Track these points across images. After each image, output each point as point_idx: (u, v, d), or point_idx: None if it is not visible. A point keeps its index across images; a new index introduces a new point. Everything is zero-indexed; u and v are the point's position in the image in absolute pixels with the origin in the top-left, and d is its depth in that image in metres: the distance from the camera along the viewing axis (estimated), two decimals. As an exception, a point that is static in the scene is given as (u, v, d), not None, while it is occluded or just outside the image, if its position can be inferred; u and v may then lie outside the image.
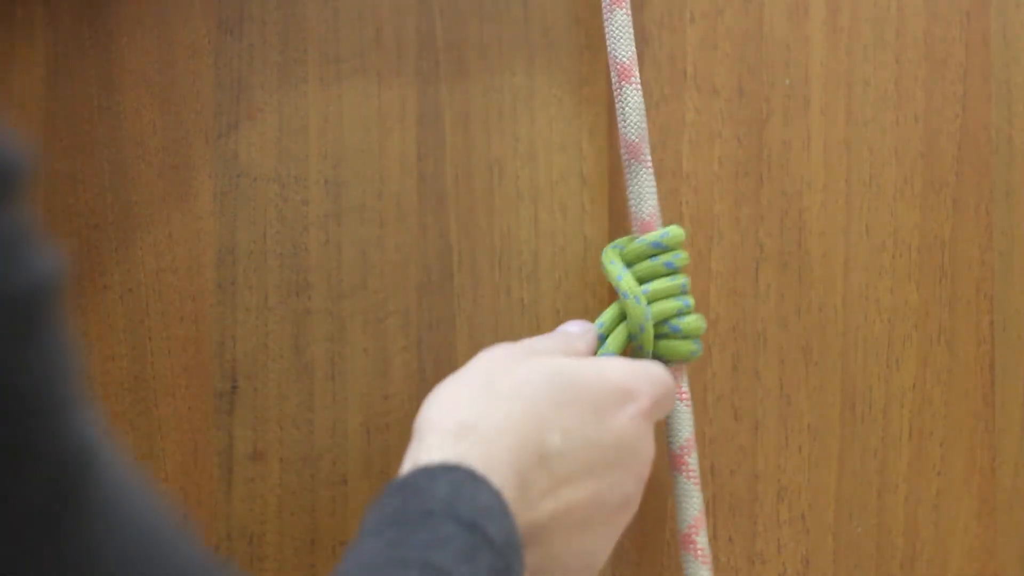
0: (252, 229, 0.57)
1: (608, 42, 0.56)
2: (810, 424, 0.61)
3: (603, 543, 0.48)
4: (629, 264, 0.55)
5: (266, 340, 0.57)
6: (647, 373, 0.49)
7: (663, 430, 0.59)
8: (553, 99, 0.59)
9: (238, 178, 0.57)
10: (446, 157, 0.58)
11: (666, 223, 0.59)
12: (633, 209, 0.55)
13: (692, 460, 0.55)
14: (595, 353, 0.54)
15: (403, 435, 0.57)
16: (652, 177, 0.55)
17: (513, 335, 0.59)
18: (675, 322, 0.54)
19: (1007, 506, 0.63)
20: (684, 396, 0.56)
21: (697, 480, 0.55)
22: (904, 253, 0.62)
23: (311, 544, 0.57)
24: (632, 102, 0.55)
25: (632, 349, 0.55)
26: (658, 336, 0.54)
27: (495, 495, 0.41)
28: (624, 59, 0.55)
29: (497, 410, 0.44)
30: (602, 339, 0.54)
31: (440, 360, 0.58)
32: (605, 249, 0.56)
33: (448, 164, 0.58)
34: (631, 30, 0.55)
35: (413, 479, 0.40)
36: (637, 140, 0.55)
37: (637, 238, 0.55)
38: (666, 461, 0.60)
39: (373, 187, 0.58)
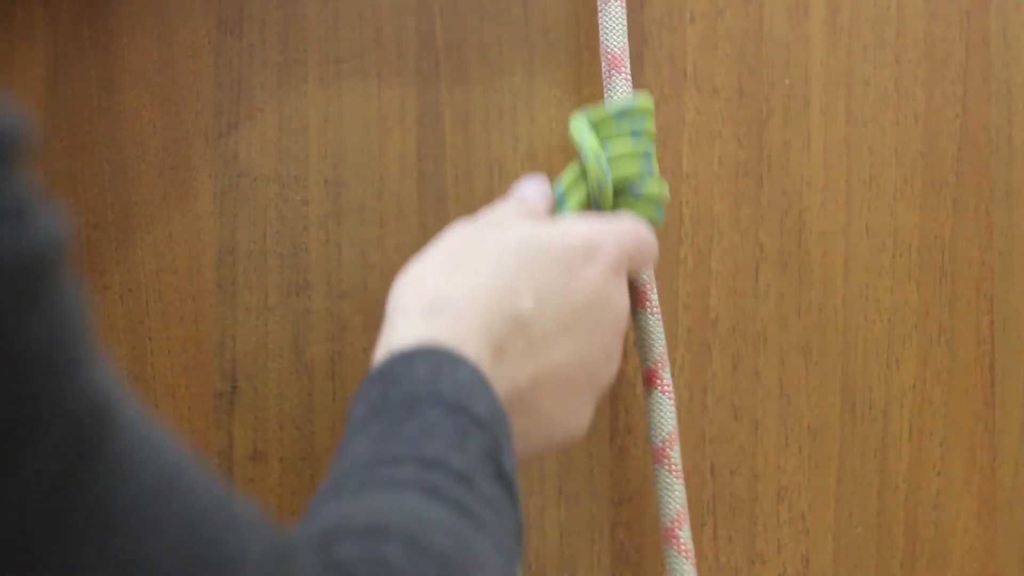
0: (252, 229, 0.57)
1: (601, 33, 0.56)
2: (810, 424, 0.61)
3: (586, 403, 0.48)
4: (594, 128, 0.55)
5: (266, 340, 0.57)
6: (610, 226, 0.49)
7: (645, 424, 0.59)
8: (553, 99, 0.59)
9: (238, 178, 0.57)
10: (446, 157, 0.58)
11: (666, 223, 0.59)
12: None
13: (675, 454, 0.55)
14: (553, 210, 0.54)
15: (403, 435, 0.57)
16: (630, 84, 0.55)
17: (513, 335, 0.59)
18: (638, 187, 0.54)
19: (1007, 506, 0.63)
20: (666, 390, 0.55)
21: (680, 474, 0.55)
22: (904, 253, 0.62)
23: (311, 544, 0.57)
24: (621, 92, 0.55)
25: (592, 211, 0.54)
26: (618, 198, 0.54)
27: (473, 371, 0.41)
28: (615, 49, 0.55)
29: (464, 283, 0.44)
30: (560, 200, 0.54)
31: (440, 360, 0.58)
32: (573, 114, 0.55)
33: (448, 164, 0.58)
34: (624, 22, 0.55)
35: (390, 367, 0.40)
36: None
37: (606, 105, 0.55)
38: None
39: (373, 187, 0.58)
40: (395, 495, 0.35)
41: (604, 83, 0.56)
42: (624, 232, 0.50)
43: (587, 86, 0.59)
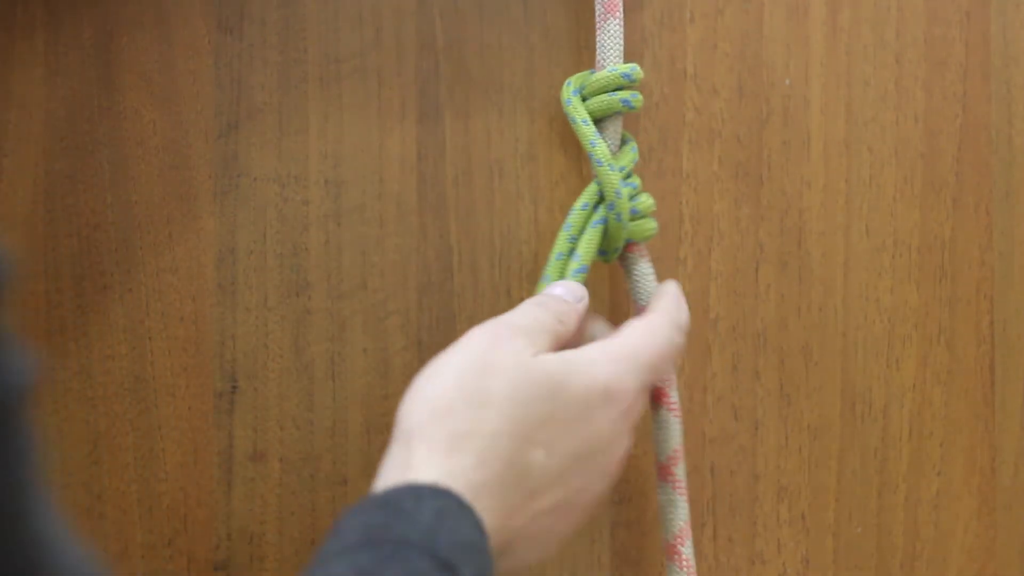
0: (252, 229, 0.57)
1: (598, 51, 0.55)
2: (810, 424, 0.61)
3: (569, 531, 0.47)
4: (586, 98, 0.55)
5: (266, 340, 0.57)
6: (634, 364, 0.48)
7: (651, 441, 0.59)
8: (553, 99, 0.59)
9: (238, 178, 0.57)
10: (446, 157, 0.58)
11: (666, 223, 0.59)
12: None
13: (679, 471, 0.55)
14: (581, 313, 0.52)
15: (403, 435, 0.57)
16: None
17: (513, 335, 0.59)
18: (633, 205, 0.54)
19: (1007, 506, 0.63)
20: (673, 407, 0.55)
21: (683, 491, 0.55)
22: (904, 253, 0.62)
23: (311, 544, 0.57)
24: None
25: (609, 234, 0.54)
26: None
27: (476, 527, 0.40)
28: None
29: (489, 420, 0.43)
30: (573, 255, 0.54)
31: (440, 360, 0.58)
32: (571, 101, 0.55)
33: (448, 164, 0.58)
34: (621, 41, 0.55)
35: (399, 498, 0.40)
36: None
37: (597, 72, 0.55)
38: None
39: (373, 187, 0.58)
40: None
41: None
42: (641, 364, 0.48)
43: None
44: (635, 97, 0.54)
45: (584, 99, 0.55)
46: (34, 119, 0.56)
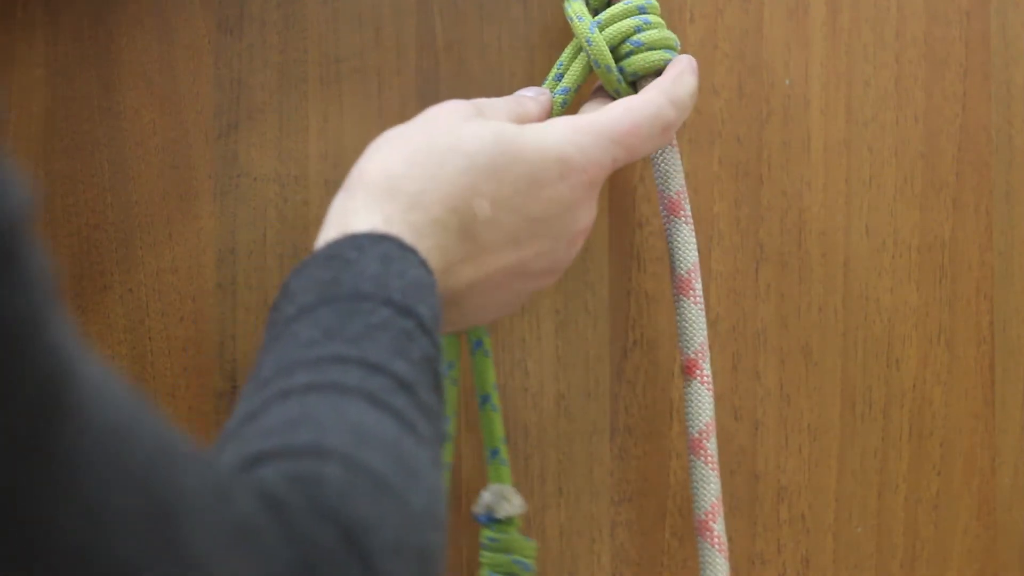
0: (252, 229, 0.57)
1: None
2: (810, 424, 0.61)
3: (520, 298, 0.48)
4: (596, 11, 0.55)
5: (266, 340, 0.57)
6: (600, 136, 0.48)
7: (682, 415, 0.59)
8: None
9: (238, 178, 0.57)
10: (446, 157, 0.58)
11: (666, 223, 0.59)
12: None
13: (711, 445, 0.54)
14: (550, 114, 0.54)
15: (403, 435, 0.57)
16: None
17: (513, 335, 0.59)
18: (636, 37, 0.54)
19: (1007, 506, 0.63)
20: (706, 380, 0.55)
21: (715, 466, 0.54)
22: (904, 253, 0.62)
23: (311, 544, 0.57)
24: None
25: (601, 76, 0.54)
26: (624, 55, 0.54)
27: (423, 266, 0.41)
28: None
29: (431, 169, 0.43)
30: (559, 78, 0.55)
31: (440, 360, 0.58)
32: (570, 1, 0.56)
33: (448, 164, 0.58)
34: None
35: (341, 250, 0.40)
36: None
37: None
38: (677, 456, 0.60)
39: (373, 187, 0.58)
40: (340, 402, 0.35)
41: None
42: (610, 138, 0.48)
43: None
44: (650, 3, 0.54)
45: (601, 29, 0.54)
46: (34, 119, 0.56)
